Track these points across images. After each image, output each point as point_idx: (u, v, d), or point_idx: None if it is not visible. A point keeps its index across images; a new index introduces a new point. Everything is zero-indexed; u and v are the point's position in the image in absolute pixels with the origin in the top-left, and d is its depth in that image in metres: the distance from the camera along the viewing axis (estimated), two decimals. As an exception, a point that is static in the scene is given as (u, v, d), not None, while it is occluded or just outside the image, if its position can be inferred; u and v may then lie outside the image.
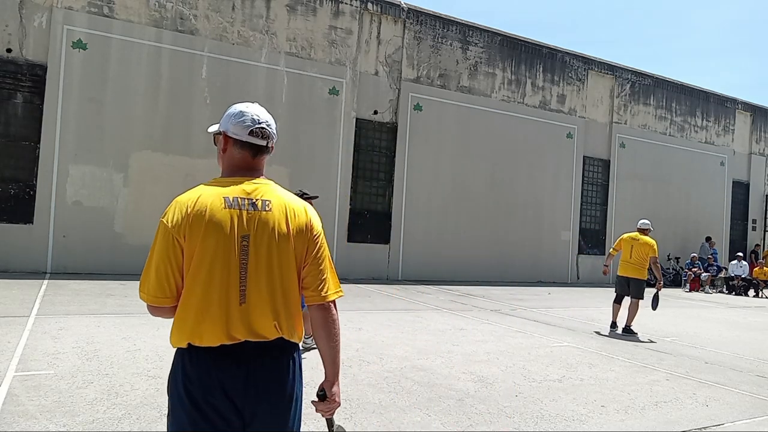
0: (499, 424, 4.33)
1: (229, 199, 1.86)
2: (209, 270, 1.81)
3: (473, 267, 15.73)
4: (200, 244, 1.81)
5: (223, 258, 1.82)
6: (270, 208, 1.90)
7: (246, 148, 1.95)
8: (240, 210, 1.86)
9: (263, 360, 1.86)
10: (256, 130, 1.93)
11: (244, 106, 1.99)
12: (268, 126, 1.96)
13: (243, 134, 1.93)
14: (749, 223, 22.85)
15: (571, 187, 17.84)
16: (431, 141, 15.45)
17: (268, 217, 1.89)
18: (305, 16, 13.82)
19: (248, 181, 1.93)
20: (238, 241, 1.84)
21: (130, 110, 12.04)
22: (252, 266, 1.85)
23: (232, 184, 1.91)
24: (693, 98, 20.82)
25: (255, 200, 1.89)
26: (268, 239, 1.87)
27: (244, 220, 1.86)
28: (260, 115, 1.96)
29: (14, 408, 3.95)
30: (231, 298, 1.82)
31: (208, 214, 1.82)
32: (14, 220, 11.17)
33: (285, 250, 1.90)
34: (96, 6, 11.75)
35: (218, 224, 1.82)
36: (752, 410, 5.18)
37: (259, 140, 1.94)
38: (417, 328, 8.08)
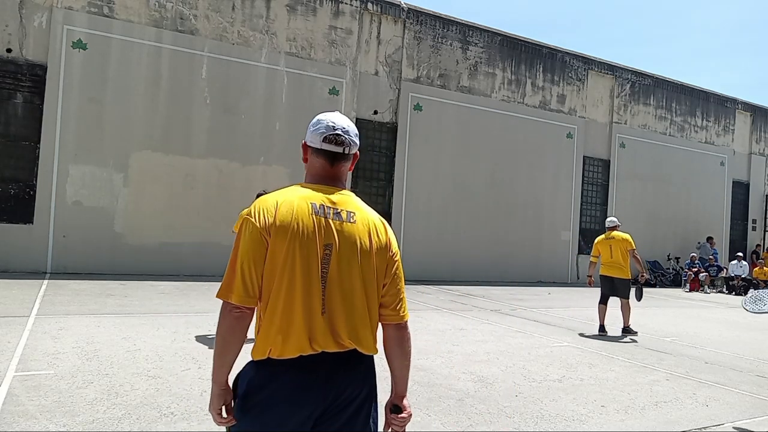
0: (499, 424, 4.33)
1: (315, 206, 1.84)
2: (292, 275, 1.77)
3: (473, 267, 15.73)
4: (286, 247, 1.77)
5: (305, 264, 1.78)
6: (354, 221, 1.89)
7: (322, 156, 1.93)
8: (326, 218, 1.84)
9: (339, 372, 1.83)
10: (330, 136, 1.91)
11: (323, 114, 1.98)
12: (345, 133, 1.93)
13: (317, 142, 1.92)
14: (749, 223, 22.85)
15: (571, 187, 17.84)
16: (431, 141, 15.45)
17: (353, 229, 1.87)
18: (305, 16, 13.82)
19: (334, 191, 1.92)
20: (321, 248, 1.81)
21: (130, 110, 12.04)
22: (333, 276, 1.82)
23: (319, 192, 1.89)
24: (693, 98, 20.83)
25: (340, 210, 1.88)
26: (350, 250, 1.85)
27: (329, 229, 1.83)
28: (336, 122, 1.94)
29: (14, 408, 3.95)
30: (314, 307, 1.78)
31: (295, 217, 1.80)
32: (14, 220, 11.17)
33: (366, 264, 1.88)
34: (96, 6, 11.76)
35: (304, 229, 1.79)
36: (752, 410, 5.18)
37: (335, 147, 1.92)
38: (417, 328, 8.07)
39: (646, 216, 19.29)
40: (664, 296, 15.07)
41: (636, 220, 19.10)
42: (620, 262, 8.78)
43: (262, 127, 13.34)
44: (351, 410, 1.85)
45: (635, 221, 19.04)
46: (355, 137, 1.97)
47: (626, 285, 8.80)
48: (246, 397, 1.79)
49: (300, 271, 1.77)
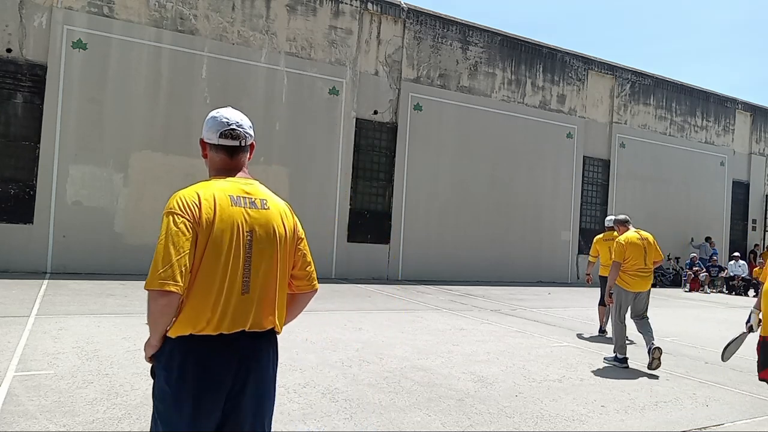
0: (499, 424, 4.33)
1: (233, 197, 2.00)
2: (217, 262, 1.91)
3: (473, 267, 15.73)
4: (211, 237, 1.91)
5: (229, 250, 1.93)
6: (268, 207, 2.06)
7: (221, 151, 2.10)
8: (243, 208, 2.00)
9: (255, 349, 1.99)
10: (225, 132, 2.07)
11: (216, 111, 2.12)
12: (239, 126, 2.08)
13: (214, 138, 2.09)
14: (749, 223, 22.85)
15: (571, 187, 17.84)
16: (431, 141, 15.45)
17: (268, 216, 2.04)
18: (305, 16, 13.82)
19: (245, 182, 2.08)
20: (244, 236, 1.96)
21: (130, 110, 12.04)
22: (255, 260, 1.98)
23: (232, 184, 2.05)
24: (693, 98, 20.82)
25: (254, 199, 2.04)
26: (267, 235, 2.02)
27: (248, 217, 1.99)
28: (230, 117, 2.09)
29: (14, 408, 3.95)
30: (236, 289, 1.93)
31: (218, 209, 1.94)
32: (14, 220, 11.17)
33: (281, 246, 2.06)
34: (96, 6, 11.75)
35: (227, 219, 1.94)
36: (752, 410, 5.18)
37: (231, 141, 2.07)
38: (417, 328, 8.08)
39: (645, 216, 19.25)
40: (664, 296, 15.07)
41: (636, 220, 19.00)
42: None
43: (262, 127, 13.31)
44: (264, 385, 2.03)
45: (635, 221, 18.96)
46: (249, 129, 2.14)
47: None
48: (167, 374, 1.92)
49: (224, 256, 1.92)
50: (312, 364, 5.69)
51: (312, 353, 6.12)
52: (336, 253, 14.14)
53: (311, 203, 13.84)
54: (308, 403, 4.47)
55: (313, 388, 4.89)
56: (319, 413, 4.26)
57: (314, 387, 4.91)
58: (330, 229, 14.06)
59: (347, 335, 7.24)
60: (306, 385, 4.93)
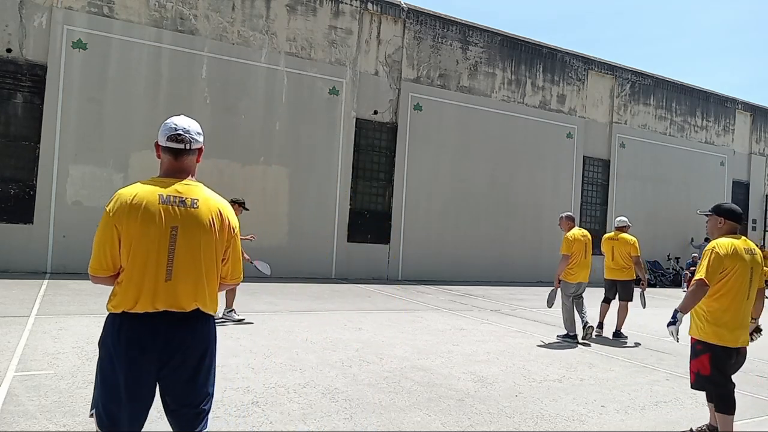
0: (499, 424, 4.33)
1: (163, 196, 2.30)
2: (143, 252, 2.25)
3: (473, 267, 15.73)
4: (136, 231, 2.24)
5: (154, 243, 2.26)
6: (197, 206, 2.34)
7: (168, 152, 2.40)
8: (171, 206, 2.29)
9: (180, 327, 2.31)
10: (172, 136, 2.36)
11: (171, 117, 2.42)
12: (186, 132, 2.38)
13: (163, 140, 2.38)
14: (749, 223, 22.85)
15: (571, 187, 17.84)
16: (431, 141, 15.45)
17: (196, 213, 2.33)
18: (305, 16, 13.82)
19: (180, 183, 2.37)
20: (168, 230, 2.27)
21: (130, 110, 12.04)
22: (179, 251, 2.29)
23: (168, 185, 2.34)
24: (693, 98, 20.83)
25: (185, 198, 2.33)
26: (193, 231, 2.31)
27: (175, 214, 2.29)
28: (178, 123, 2.39)
29: (14, 408, 3.95)
30: (159, 276, 2.26)
31: (144, 207, 2.26)
32: (14, 220, 11.16)
33: (208, 241, 2.35)
34: (96, 6, 11.76)
35: (152, 216, 2.25)
36: (752, 410, 5.18)
37: (177, 144, 2.37)
38: (417, 328, 8.08)
39: (646, 216, 19.27)
40: (664, 296, 15.06)
41: (636, 220, 19.04)
42: (622, 264, 8.58)
43: (262, 127, 13.34)
44: (194, 358, 2.33)
45: (635, 221, 18.97)
46: (197, 135, 2.44)
47: (628, 287, 8.57)
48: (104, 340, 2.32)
49: (149, 248, 2.25)
50: (312, 364, 5.69)
51: (312, 353, 6.12)
52: (336, 253, 14.14)
53: (311, 203, 13.85)
54: (308, 403, 4.47)
55: (313, 388, 4.89)
56: (319, 413, 4.26)
57: (314, 387, 4.91)
58: (330, 229, 14.06)
59: (347, 335, 7.24)
60: (306, 385, 4.93)
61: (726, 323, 3.87)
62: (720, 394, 3.93)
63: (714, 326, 3.90)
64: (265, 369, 5.38)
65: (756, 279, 3.97)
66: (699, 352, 4.00)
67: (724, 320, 3.87)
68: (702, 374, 3.96)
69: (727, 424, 3.88)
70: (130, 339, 2.26)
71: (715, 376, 3.90)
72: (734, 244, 3.92)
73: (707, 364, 3.91)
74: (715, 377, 3.91)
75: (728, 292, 3.87)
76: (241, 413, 4.15)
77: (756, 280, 3.97)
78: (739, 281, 3.87)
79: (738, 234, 4.05)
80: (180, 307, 2.30)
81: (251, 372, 5.24)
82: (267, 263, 8.49)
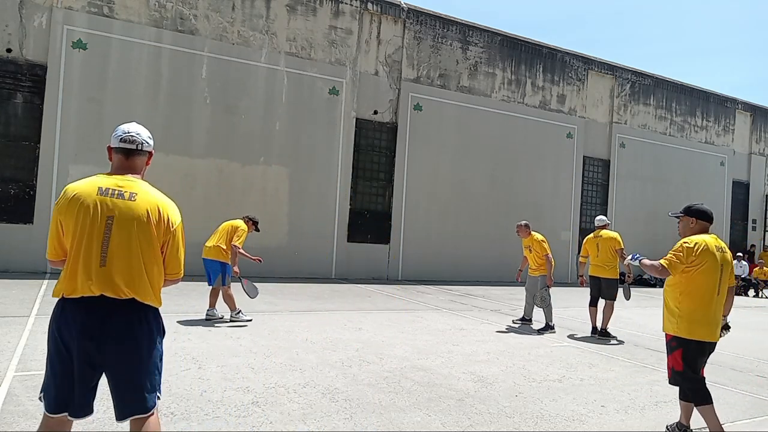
0: (499, 424, 4.33)
1: (102, 189, 2.53)
2: (80, 240, 2.47)
3: (473, 267, 15.73)
4: (74, 221, 2.48)
5: (90, 232, 2.47)
6: (135, 199, 2.54)
7: (119, 152, 2.64)
8: (110, 198, 2.51)
9: (116, 312, 2.49)
10: (125, 137, 2.62)
11: (122, 125, 2.67)
12: (137, 135, 2.64)
13: (116, 142, 2.63)
14: (749, 223, 22.85)
15: (571, 187, 17.84)
16: (431, 141, 15.45)
17: (132, 205, 2.53)
18: (305, 16, 13.82)
19: (123, 178, 2.59)
20: (103, 219, 2.48)
21: (130, 110, 12.02)
22: (113, 239, 2.49)
23: (110, 179, 2.58)
24: (693, 98, 20.82)
25: (124, 192, 2.54)
26: (129, 221, 2.51)
27: (111, 205, 2.50)
28: (130, 128, 2.66)
29: (14, 408, 3.95)
30: (93, 262, 2.46)
31: (82, 199, 2.49)
32: (14, 220, 11.17)
33: (143, 232, 2.53)
34: (96, 6, 11.76)
35: (89, 207, 2.49)
36: (752, 410, 5.18)
37: (128, 144, 2.62)
38: (417, 328, 8.08)
39: (645, 216, 19.28)
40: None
41: (636, 220, 19.10)
42: (606, 261, 8.49)
43: (262, 127, 13.34)
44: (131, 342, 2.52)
45: (635, 221, 19.05)
46: (148, 138, 2.68)
47: (613, 286, 8.49)
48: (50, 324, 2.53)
49: (85, 236, 2.47)
50: (312, 364, 5.69)
51: (312, 353, 6.12)
52: (336, 253, 14.14)
53: (311, 203, 13.85)
54: (308, 403, 4.47)
55: (313, 388, 4.89)
56: (319, 413, 4.26)
57: (314, 387, 4.91)
58: (330, 229, 14.06)
59: (347, 335, 7.24)
60: (306, 385, 4.93)
61: (698, 319, 3.98)
62: (693, 388, 4.04)
63: (687, 322, 4.01)
64: (265, 369, 5.38)
65: (726, 276, 4.09)
66: (673, 348, 4.11)
67: (696, 316, 3.98)
68: (675, 370, 4.08)
69: (708, 412, 3.98)
70: (71, 322, 2.45)
71: (686, 372, 4.03)
72: (705, 240, 4.09)
73: (680, 360, 4.04)
74: (686, 372, 4.03)
75: (699, 288, 3.99)
76: (241, 413, 4.15)
77: (726, 277, 4.09)
78: (709, 277, 3.99)
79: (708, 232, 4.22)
80: (115, 293, 2.48)
81: (251, 372, 5.24)
82: (255, 285, 7.89)
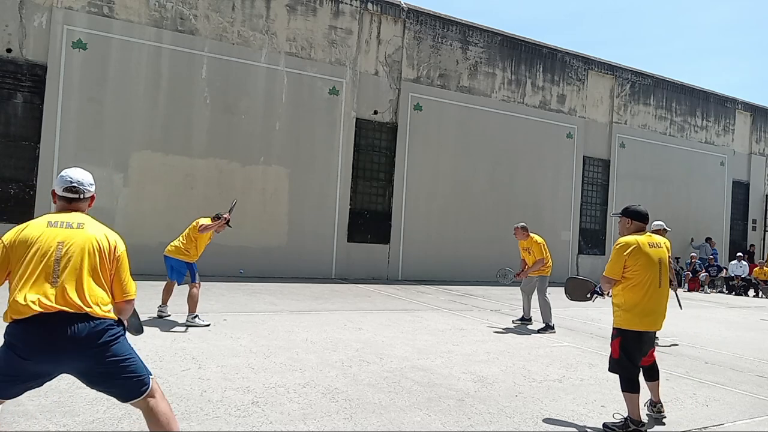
0: (499, 424, 4.33)
1: (52, 222, 2.84)
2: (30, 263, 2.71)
3: (473, 267, 15.72)
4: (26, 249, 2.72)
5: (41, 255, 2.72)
6: (82, 228, 2.84)
7: (62, 200, 2.93)
8: (58, 228, 2.80)
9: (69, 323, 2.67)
10: (68, 187, 2.90)
11: (66, 170, 2.96)
12: (79, 184, 2.93)
13: (60, 190, 2.92)
14: (749, 223, 22.85)
15: (571, 187, 17.84)
16: (431, 141, 15.45)
17: (79, 233, 2.81)
18: (305, 16, 13.82)
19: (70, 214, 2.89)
20: (55, 245, 2.74)
21: (130, 110, 12.04)
22: (63, 261, 2.73)
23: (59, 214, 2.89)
24: (693, 98, 20.82)
25: (71, 222, 2.84)
26: (77, 246, 2.77)
27: (60, 234, 2.78)
28: (73, 176, 2.93)
29: (14, 408, 3.95)
30: (47, 280, 2.69)
31: (34, 230, 2.78)
32: (14, 220, 11.08)
33: (90, 256, 2.79)
34: (96, 6, 11.75)
35: (39, 236, 2.75)
36: (752, 410, 5.18)
37: (71, 194, 2.91)
38: (417, 328, 8.08)
39: (646, 216, 19.25)
40: (664, 296, 15.06)
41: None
42: None
43: (262, 127, 13.34)
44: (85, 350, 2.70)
45: (635, 221, 18.97)
46: (89, 186, 2.98)
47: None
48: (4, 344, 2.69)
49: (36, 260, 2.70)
50: (312, 364, 5.69)
51: (312, 353, 6.12)
52: (336, 253, 14.13)
53: (311, 203, 13.85)
54: (308, 403, 4.47)
55: (313, 388, 4.89)
56: (319, 413, 4.26)
57: (314, 387, 4.91)
58: (330, 229, 14.06)
59: (347, 335, 7.24)
60: (306, 385, 4.93)
61: (639, 312, 4.33)
62: (626, 376, 4.35)
63: (627, 313, 4.36)
64: (265, 369, 5.38)
65: (665, 269, 4.49)
66: (613, 337, 4.48)
67: (637, 309, 4.33)
68: (613, 357, 4.44)
69: (632, 400, 4.33)
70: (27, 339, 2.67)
71: (623, 359, 4.36)
72: (637, 240, 4.41)
73: (618, 348, 4.39)
74: (622, 360, 4.36)
75: (639, 283, 4.33)
76: (241, 413, 4.15)
77: (665, 269, 4.49)
78: (647, 272, 4.34)
79: (644, 232, 4.55)
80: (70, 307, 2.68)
81: (251, 372, 5.24)
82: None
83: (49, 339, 2.64)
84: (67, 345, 2.67)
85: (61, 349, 2.67)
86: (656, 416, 4.68)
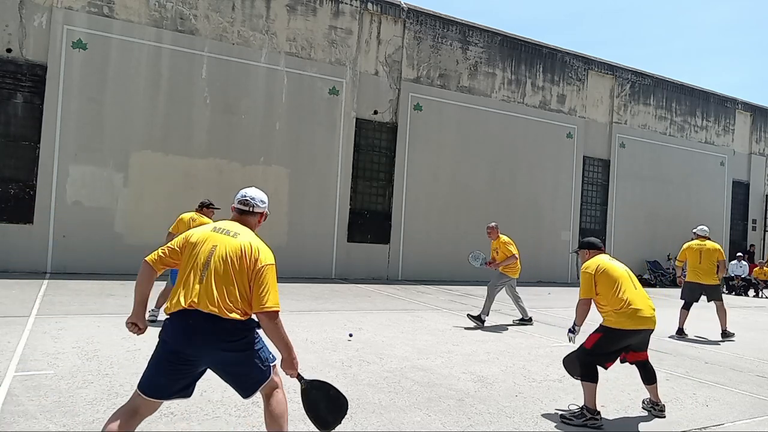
0: (499, 424, 4.33)
1: (216, 228, 3.17)
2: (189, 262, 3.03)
3: (473, 267, 15.67)
4: (190, 249, 3.08)
5: (199, 258, 3.02)
6: (237, 237, 3.06)
7: (235, 211, 3.26)
8: (219, 233, 3.09)
9: (206, 323, 2.90)
10: (241, 200, 3.22)
11: (244, 189, 3.26)
12: (251, 199, 3.22)
13: (234, 203, 3.25)
14: (749, 223, 22.85)
15: (571, 187, 17.84)
16: (431, 141, 15.45)
17: (232, 241, 3.04)
18: (305, 16, 13.82)
19: (233, 224, 3.17)
20: (210, 247, 3.03)
21: (130, 110, 12.04)
22: (214, 262, 2.98)
23: (225, 224, 3.17)
24: (693, 98, 20.82)
25: (230, 231, 3.11)
26: (227, 251, 3.00)
27: (217, 238, 3.06)
28: (248, 192, 3.24)
29: (14, 408, 3.95)
30: (195, 280, 2.95)
31: (200, 233, 3.14)
32: (14, 220, 11.16)
33: (236, 262, 2.97)
34: (96, 6, 11.75)
35: (202, 238, 3.09)
36: (752, 410, 5.17)
37: (242, 206, 3.22)
38: (417, 328, 8.08)
39: (646, 216, 19.29)
40: (663, 296, 15.06)
41: (636, 220, 19.11)
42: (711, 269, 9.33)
43: (262, 127, 13.34)
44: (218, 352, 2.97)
45: (635, 221, 19.05)
46: (260, 202, 3.24)
47: (717, 289, 9.39)
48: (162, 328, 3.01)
49: (192, 259, 3.02)
50: (312, 364, 5.69)
51: (312, 353, 6.12)
52: (336, 253, 14.14)
53: (311, 203, 13.85)
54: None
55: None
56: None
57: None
58: (330, 229, 14.06)
59: (347, 335, 7.24)
60: (306, 385, 4.92)
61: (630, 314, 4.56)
62: (588, 364, 4.60)
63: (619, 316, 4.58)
64: (265, 369, 5.37)
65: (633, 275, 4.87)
66: (596, 331, 4.70)
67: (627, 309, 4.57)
68: (584, 346, 4.71)
69: (589, 388, 4.54)
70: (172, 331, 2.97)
71: (593, 350, 4.61)
72: (598, 260, 4.81)
73: (594, 341, 4.64)
74: (594, 351, 4.61)
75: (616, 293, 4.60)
76: (241, 413, 4.15)
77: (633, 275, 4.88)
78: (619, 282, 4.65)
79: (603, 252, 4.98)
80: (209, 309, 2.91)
81: (251, 372, 5.23)
82: None
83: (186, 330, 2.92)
84: (200, 338, 2.91)
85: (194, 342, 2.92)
86: (657, 414, 4.75)
